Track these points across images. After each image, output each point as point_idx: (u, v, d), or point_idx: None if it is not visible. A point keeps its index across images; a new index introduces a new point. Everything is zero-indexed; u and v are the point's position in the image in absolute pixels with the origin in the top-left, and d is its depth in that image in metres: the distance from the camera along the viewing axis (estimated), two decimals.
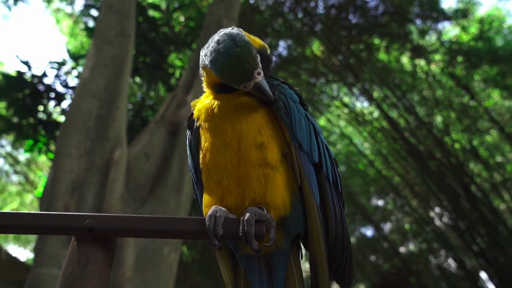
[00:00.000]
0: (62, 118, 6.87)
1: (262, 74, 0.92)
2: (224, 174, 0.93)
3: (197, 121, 1.03)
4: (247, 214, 0.84)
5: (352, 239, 13.69)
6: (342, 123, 11.27)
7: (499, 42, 9.37)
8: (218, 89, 1.01)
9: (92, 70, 4.21)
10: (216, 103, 0.98)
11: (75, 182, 3.42)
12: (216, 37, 0.95)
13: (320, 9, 9.98)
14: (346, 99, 11.29)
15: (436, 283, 12.51)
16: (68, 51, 7.89)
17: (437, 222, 10.61)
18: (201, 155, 0.99)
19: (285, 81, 1.05)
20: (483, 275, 10.72)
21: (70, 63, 7.25)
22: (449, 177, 9.45)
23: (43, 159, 9.42)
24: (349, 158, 11.54)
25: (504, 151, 10.20)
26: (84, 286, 0.75)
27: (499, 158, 10.31)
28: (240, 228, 0.83)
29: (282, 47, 10.98)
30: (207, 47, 0.97)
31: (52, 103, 6.76)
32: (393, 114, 9.85)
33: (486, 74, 9.07)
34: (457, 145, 9.76)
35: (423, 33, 9.57)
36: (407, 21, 9.44)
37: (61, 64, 6.94)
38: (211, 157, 0.95)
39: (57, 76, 6.81)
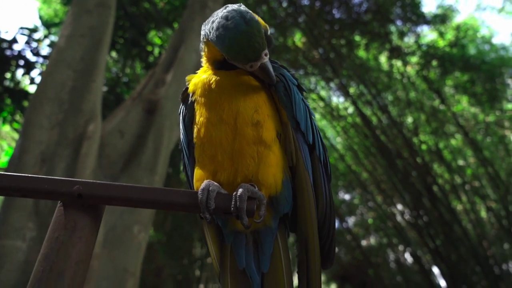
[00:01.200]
0: (30, 88, 6.57)
1: (268, 55, 0.93)
2: (218, 150, 0.93)
3: (192, 95, 1.02)
4: (240, 190, 0.85)
5: None
6: (317, 116, 11.43)
7: (472, 50, 9.74)
8: (218, 66, 1.00)
9: (68, 39, 4.03)
10: (214, 78, 0.98)
11: (45, 154, 3.30)
12: (223, 12, 0.94)
13: (305, 1, 9.99)
14: (323, 93, 11.43)
15: (392, 275, 13.08)
16: (41, 17, 7.52)
17: (399, 218, 11.04)
18: (195, 130, 0.98)
19: (282, 65, 1.06)
20: (436, 270, 11.29)
21: (42, 31, 6.91)
22: (414, 176, 9.83)
23: (7, 129, 9.00)
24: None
25: (466, 155, 10.68)
26: (71, 251, 0.74)
27: (461, 162, 10.79)
28: (232, 203, 0.84)
29: None
30: (212, 22, 0.95)
31: (20, 71, 6.43)
32: (367, 111, 10.07)
33: (457, 80, 9.42)
34: (424, 146, 10.13)
35: (402, 34, 9.78)
36: (388, 21, 9.62)
37: (33, 30, 6.60)
38: (206, 132, 0.95)
39: (27, 43, 6.47)
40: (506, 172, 9.80)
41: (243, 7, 0.94)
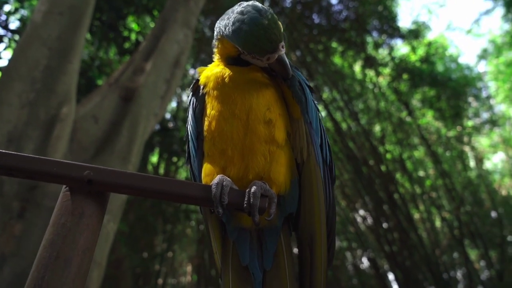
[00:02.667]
0: None
1: (284, 48, 0.93)
2: (229, 144, 0.93)
3: (203, 87, 1.01)
4: (254, 187, 0.85)
5: None
6: None
7: (440, 67, 10.20)
8: (231, 62, 1.00)
9: (45, 15, 3.84)
10: (227, 73, 0.97)
11: (12, 133, 3.12)
12: (238, 8, 0.94)
13: (287, 3, 10.07)
14: None
15: (348, 278, 13.47)
16: None
17: (360, 224, 11.38)
18: (206, 123, 0.97)
19: (293, 65, 1.07)
20: (391, 276, 11.75)
21: (13, 3, 6.53)
22: (377, 184, 10.17)
23: None
24: None
25: (427, 167, 11.18)
26: (78, 238, 0.71)
27: (421, 173, 11.28)
28: (246, 199, 0.84)
29: None
30: (227, 19, 0.95)
31: None
32: (338, 117, 10.31)
33: (425, 95, 9.83)
34: (389, 155, 10.50)
35: (377, 45, 10.09)
36: (365, 31, 9.89)
37: (3, 2, 6.22)
38: (217, 126, 0.95)
39: None
40: (461, 185, 10.35)
41: (256, 2, 0.94)
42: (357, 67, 10.38)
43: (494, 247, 9.67)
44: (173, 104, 10.67)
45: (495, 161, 11.11)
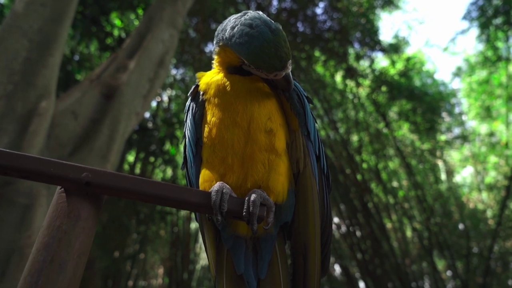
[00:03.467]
0: None
1: (291, 65, 0.93)
2: (229, 152, 0.93)
3: (203, 94, 1.00)
4: (254, 195, 0.85)
5: None
6: None
7: (417, 82, 10.51)
8: (232, 71, 0.99)
9: (27, 6, 3.72)
10: (229, 81, 0.97)
11: None
12: (244, 18, 0.92)
13: (273, 9, 10.15)
14: None
15: (321, 285, 13.58)
16: None
17: (334, 231, 11.53)
18: (206, 129, 0.97)
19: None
20: (362, 284, 11.94)
21: None
22: (353, 192, 10.35)
23: None
24: None
25: (400, 178, 11.46)
26: (73, 242, 0.69)
27: (395, 183, 11.56)
28: (245, 208, 0.83)
29: None
30: (232, 28, 0.93)
31: None
32: (318, 125, 10.43)
33: (402, 108, 10.10)
34: (365, 165, 10.71)
35: (358, 57, 10.30)
36: (348, 42, 10.08)
37: None
38: (218, 133, 0.94)
39: None
40: (432, 197, 10.66)
41: (262, 14, 0.94)
42: (338, 77, 10.57)
43: (460, 258, 10.00)
44: (153, 104, 10.53)
45: (464, 175, 11.53)
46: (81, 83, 4.14)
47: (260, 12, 0.95)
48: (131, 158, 9.83)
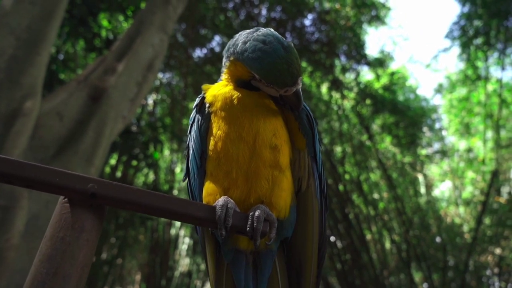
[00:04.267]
0: None
1: (301, 82, 0.95)
2: (234, 166, 0.93)
3: (210, 106, 1.00)
4: (258, 211, 0.86)
5: None
6: None
7: (400, 96, 10.76)
8: (241, 85, 1.00)
9: (16, 3, 3.65)
10: (237, 95, 0.98)
11: None
12: (256, 34, 0.94)
13: (262, 19, 10.23)
14: None
15: None
16: None
17: None
18: (211, 142, 0.97)
19: None
20: None
21: None
22: (334, 203, 10.45)
23: None
24: None
25: (381, 190, 11.64)
26: (77, 254, 0.68)
27: (376, 195, 11.73)
28: (249, 223, 0.84)
29: (217, 42, 10.95)
30: (243, 42, 0.95)
31: None
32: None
33: (385, 121, 10.30)
34: (347, 176, 10.84)
35: (344, 69, 10.48)
36: (334, 55, 10.25)
37: None
38: (223, 147, 0.94)
39: None
40: (411, 210, 10.86)
41: (273, 31, 0.96)
42: (324, 88, 10.72)
43: (437, 271, 10.19)
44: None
45: (443, 189, 11.80)
46: (68, 84, 4.08)
47: (272, 29, 0.97)
48: (113, 161, 9.67)
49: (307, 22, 10.29)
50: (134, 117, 9.93)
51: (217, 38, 10.92)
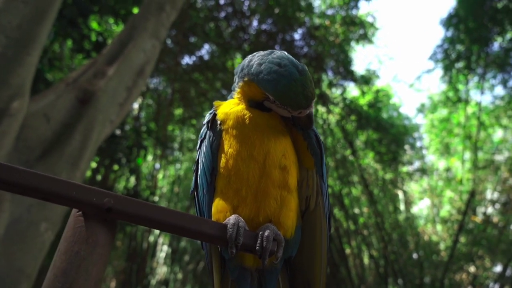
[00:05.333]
0: None
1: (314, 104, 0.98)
2: (244, 184, 0.94)
3: (221, 124, 1.02)
4: (267, 231, 0.87)
5: None
6: None
7: (384, 114, 10.99)
8: (253, 105, 1.02)
9: (7, 1, 3.58)
10: (248, 114, 0.99)
11: None
12: (272, 57, 0.96)
13: (253, 30, 10.34)
14: None
15: None
16: None
17: None
18: (222, 160, 0.98)
19: None
20: None
21: None
22: None
23: None
24: None
25: (362, 205, 11.79)
26: (91, 269, 0.67)
27: (356, 210, 11.87)
28: (258, 242, 0.85)
29: (206, 50, 10.98)
30: (258, 64, 0.97)
31: None
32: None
33: (368, 137, 10.49)
34: (329, 190, 10.94)
35: (331, 85, 10.66)
36: (322, 70, 10.43)
37: None
38: (234, 165, 0.96)
39: None
40: (390, 226, 11.03)
41: (290, 56, 0.99)
42: None
43: (413, 287, 10.33)
44: None
45: (421, 206, 12.05)
46: (56, 86, 4.01)
47: (286, 52, 1.00)
48: (93, 164, 9.49)
49: (297, 36, 10.45)
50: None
51: (206, 46, 10.97)
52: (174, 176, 12.78)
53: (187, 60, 11.33)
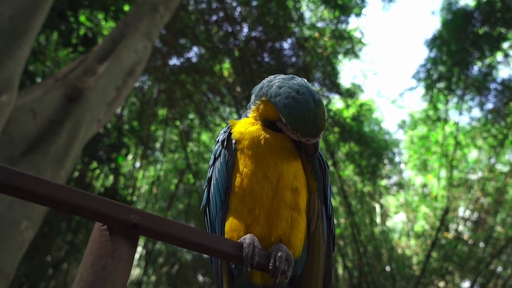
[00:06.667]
0: None
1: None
2: (257, 204, 0.97)
3: (236, 143, 1.04)
4: (280, 252, 0.91)
5: (189, 256, 13.87)
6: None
7: (366, 128, 11.22)
8: (267, 124, 1.05)
9: None
10: (263, 135, 1.03)
11: None
12: (292, 82, 1.00)
13: (242, 36, 10.40)
14: None
15: None
16: None
17: None
18: (237, 179, 1.01)
19: None
20: None
21: None
22: None
23: None
24: None
25: (339, 216, 11.96)
26: (117, 284, 0.69)
27: (334, 221, 12.00)
28: (271, 262, 0.88)
29: (195, 52, 10.97)
30: (278, 87, 1.01)
31: None
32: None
33: (350, 150, 10.68)
34: None
35: None
36: (309, 80, 10.57)
37: None
38: (249, 184, 0.98)
39: None
40: (366, 238, 11.23)
41: (310, 84, 1.03)
42: None
43: None
44: None
45: (396, 220, 12.32)
46: (45, 81, 3.93)
47: (306, 80, 1.04)
48: None
49: (286, 45, 10.57)
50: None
51: (195, 49, 10.95)
52: (153, 176, 12.64)
53: (174, 61, 11.27)
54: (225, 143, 1.08)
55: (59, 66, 8.78)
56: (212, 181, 1.09)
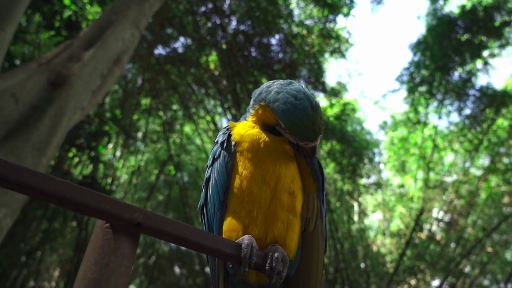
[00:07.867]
0: None
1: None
2: (255, 206, 0.99)
3: (236, 145, 1.05)
4: (277, 253, 0.93)
5: (166, 248, 13.81)
6: (206, 140, 11.60)
7: (349, 127, 11.38)
8: (266, 128, 1.07)
9: None
10: (263, 138, 1.04)
11: None
12: (290, 88, 1.03)
13: (230, 29, 10.34)
14: (217, 118, 11.73)
15: None
16: None
17: None
18: (237, 180, 1.02)
19: None
20: None
21: None
22: None
23: None
24: (198, 173, 11.85)
25: None
26: (120, 281, 0.69)
27: None
28: (268, 262, 0.91)
29: (181, 43, 10.83)
30: (277, 92, 1.03)
31: None
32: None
33: (332, 148, 10.82)
34: None
35: None
36: (294, 77, 10.62)
37: None
38: (248, 186, 1.00)
39: None
40: (343, 236, 11.44)
41: (307, 90, 1.05)
42: None
43: None
44: None
45: (373, 219, 12.60)
46: (28, 65, 3.81)
47: (303, 85, 1.06)
48: None
49: (273, 41, 10.57)
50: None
51: (182, 39, 10.82)
52: (134, 166, 12.48)
53: (160, 50, 11.10)
54: (224, 145, 1.09)
55: (40, 49, 8.53)
56: (211, 182, 1.10)
